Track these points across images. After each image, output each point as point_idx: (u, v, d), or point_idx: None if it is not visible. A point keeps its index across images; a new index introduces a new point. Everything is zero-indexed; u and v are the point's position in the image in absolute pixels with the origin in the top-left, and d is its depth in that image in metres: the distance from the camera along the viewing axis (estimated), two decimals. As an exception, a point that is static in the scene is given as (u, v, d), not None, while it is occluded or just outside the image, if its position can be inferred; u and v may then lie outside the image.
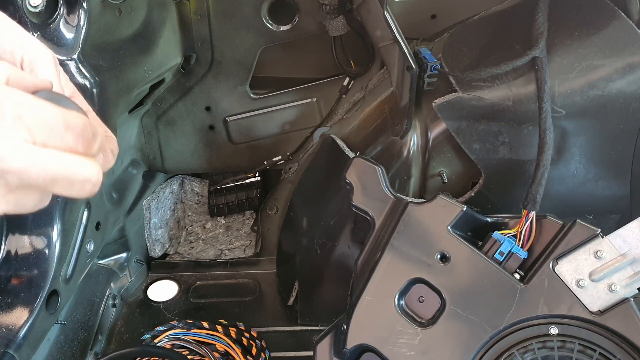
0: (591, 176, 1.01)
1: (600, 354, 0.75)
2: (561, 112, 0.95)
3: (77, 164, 0.37)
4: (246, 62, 1.27)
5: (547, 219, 0.83)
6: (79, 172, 0.37)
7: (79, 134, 0.37)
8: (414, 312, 0.82)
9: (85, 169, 0.37)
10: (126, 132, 1.24)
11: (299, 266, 1.27)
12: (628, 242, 0.76)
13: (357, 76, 1.28)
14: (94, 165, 0.38)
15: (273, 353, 1.17)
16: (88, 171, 0.38)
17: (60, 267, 0.88)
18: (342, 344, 0.83)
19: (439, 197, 0.85)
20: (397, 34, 0.98)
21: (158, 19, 1.07)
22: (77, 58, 0.82)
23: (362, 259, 0.91)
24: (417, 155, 1.07)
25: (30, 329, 0.82)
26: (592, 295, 0.77)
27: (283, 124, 1.36)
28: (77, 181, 0.37)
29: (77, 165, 0.37)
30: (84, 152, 0.38)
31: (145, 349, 1.09)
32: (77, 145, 0.37)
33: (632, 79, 0.94)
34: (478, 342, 0.78)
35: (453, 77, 1.00)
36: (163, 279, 1.39)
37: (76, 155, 0.37)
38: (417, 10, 1.16)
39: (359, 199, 0.93)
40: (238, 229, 1.58)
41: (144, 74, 1.03)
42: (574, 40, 0.96)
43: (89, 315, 1.14)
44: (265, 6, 1.21)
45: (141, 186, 1.35)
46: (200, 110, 1.33)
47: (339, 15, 1.16)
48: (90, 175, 0.38)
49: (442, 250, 0.82)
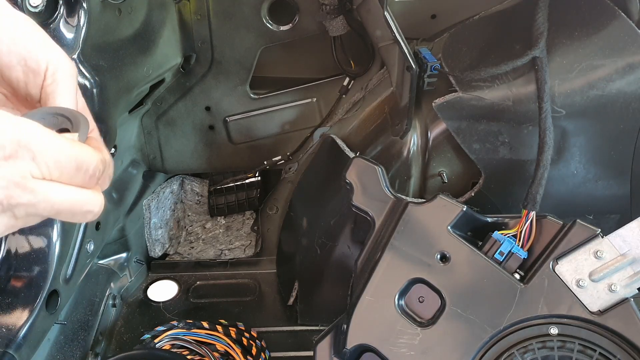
0: (591, 176, 1.01)
1: (600, 354, 0.75)
2: (561, 112, 0.95)
3: (82, 198, 0.39)
4: (246, 62, 1.27)
5: (547, 219, 0.83)
6: (84, 205, 0.39)
7: (89, 174, 0.39)
8: (414, 312, 0.82)
9: (89, 203, 0.40)
10: (126, 132, 1.24)
11: (299, 266, 1.27)
12: (628, 242, 0.76)
13: (357, 76, 1.28)
14: (98, 197, 0.40)
15: (273, 353, 1.17)
16: (92, 204, 0.40)
17: (60, 267, 0.88)
18: (342, 344, 0.83)
19: (439, 197, 0.85)
20: (397, 34, 0.98)
21: (158, 19, 1.07)
22: (77, 58, 0.82)
23: (362, 259, 0.91)
24: (417, 155, 1.07)
25: (30, 329, 0.82)
26: (592, 295, 0.77)
27: (283, 124, 1.36)
28: (80, 213, 0.39)
29: (82, 199, 0.39)
30: (91, 187, 0.40)
31: (152, 352, 1.09)
32: (84, 182, 0.39)
33: (632, 79, 0.94)
34: (478, 342, 0.78)
35: (453, 77, 1.00)
36: (163, 279, 1.39)
37: (83, 190, 0.39)
38: (417, 10, 1.16)
39: (359, 199, 0.93)
40: (238, 229, 1.58)
41: (144, 74, 1.03)
42: (574, 40, 0.96)
43: (89, 315, 1.14)
44: (265, 6, 1.21)
45: (141, 186, 1.35)
46: (200, 110, 1.33)
47: (339, 15, 1.16)
48: (93, 207, 0.40)
49: (442, 250, 0.82)
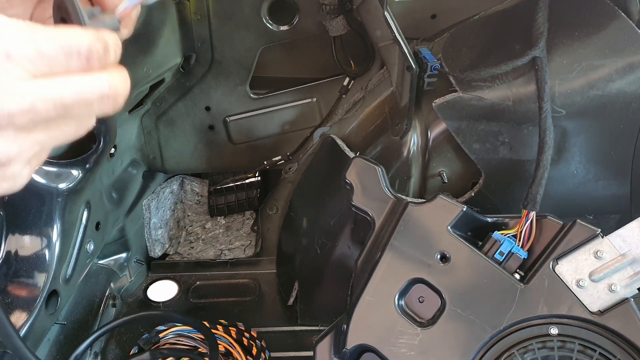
0: (591, 176, 1.01)
1: (600, 354, 0.75)
2: (561, 112, 0.95)
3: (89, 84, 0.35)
4: (246, 62, 1.27)
5: (547, 219, 0.83)
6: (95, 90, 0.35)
7: (85, 56, 0.34)
8: (414, 312, 0.82)
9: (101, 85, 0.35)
10: (126, 132, 1.24)
11: (299, 266, 1.27)
12: (628, 242, 0.76)
13: (357, 76, 1.28)
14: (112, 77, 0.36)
15: (273, 353, 1.17)
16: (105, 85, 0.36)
17: (60, 267, 0.88)
18: (342, 344, 0.83)
19: (439, 197, 0.85)
20: (397, 34, 0.98)
21: (158, 19, 1.07)
22: (77, 58, 0.81)
23: (362, 259, 0.91)
24: (417, 155, 1.07)
25: (30, 329, 0.82)
26: (592, 295, 0.76)
27: (283, 124, 1.36)
28: (98, 99, 0.36)
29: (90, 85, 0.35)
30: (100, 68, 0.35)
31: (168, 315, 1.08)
32: (88, 66, 0.35)
33: (632, 79, 0.94)
34: (478, 342, 0.78)
35: (453, 77, 1.00)
36: (163, 279, 1.39)
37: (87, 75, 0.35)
38: (417, 10, 1.16)
39: (359, 199, 0.93)
40: (238, 229, 1.58)
41: (144, 74, 1.03)
42: (574, 40, 0.96)
43: (89, 315, 1.14)
44: (265, 6, 1.20)
45: (141, 186, 1.35)
46: (200, 110, 1.33)
47: (339, 15, 1.16)
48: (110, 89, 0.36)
49: (442, 250, 0.82)
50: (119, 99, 0.37)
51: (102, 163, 0.93)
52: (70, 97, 0.34)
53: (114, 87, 0.36)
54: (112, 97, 0.36)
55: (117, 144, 1.11)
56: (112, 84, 0.36)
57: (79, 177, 0.87)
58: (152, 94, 1.21)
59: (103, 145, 0.90)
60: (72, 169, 0.87)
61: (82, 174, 0.88)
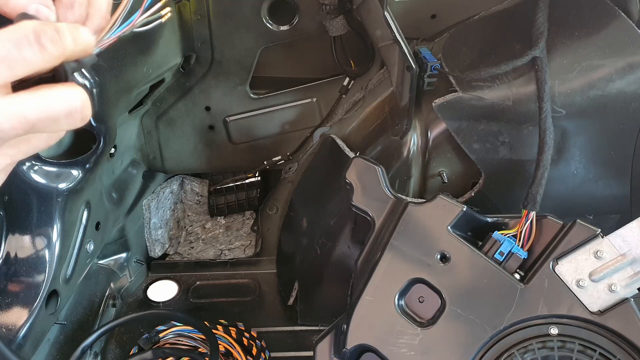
0: (591, 176, 1.01)
1: (600, 354, 0.75)
2: (561, 112, 0.95)
3: (55, 102, 0.34)
4: (246, 62, 1.27)
5: (547, 219, 0.83)
6: (61, 108, 0.35)
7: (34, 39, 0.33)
8: (414, 312, 0.82)
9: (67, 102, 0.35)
10: (126, 132, 1.24)
11: (299, 266, 1.27)
12: (628, 242, 0.76)
13: (357, 76, 1.28)
14: (72, 90, 0.35)
15: (273, 353, 1.17)
16: (76, 102, 0.35)
17: (60, 267, 0.88)
18: (342, 344, 0.83)
19: (439, 197, 0.85)
20: (397, 34, 0.98)
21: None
22: (76, 58, 0.81)
23: (362, 259, 0.91)
24: (417, 155, 1.07)
25: (30, 329, 0.82)
26: (592, 295, 0.76)
27: (283, 124, 1.36)
28: (63, 117, 0.35)
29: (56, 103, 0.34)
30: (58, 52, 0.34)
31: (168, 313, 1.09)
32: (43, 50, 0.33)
33: (632, 79, 0.94)
34: (478, 342, 0.78)
35: (453, 77, 1.00)
36: (163, 279, 1.39)
37: (47, 90, 0.34)
38: (417, 10, 1.16)
39: (359, 199, 0.93)
40: (238, 229, 1.58)
41: (144, 74, 1.03)
42: (574, 40, 0.96)
43: (89, 315, 1.14)
44: (265, 6, 1.20)
45: (141, 186, 1.35)
46: (200, 110, 1.33)
47: (339, 15, 1.16)
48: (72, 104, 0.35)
49: (442, 250, 0.82)
50: (86, 115, 0.37)
51: (102, 163, 0.93)
52: (35, 115, 0.34)
53: (81, 99, 0.36)
54: (80, 110, 0.36)
55: (117, 144, 1.11)
56: (79, 98, 0.36)
57: (79, 177, 0.87)
58: (152, 94, 1.21)
59: (103, 145, 0.90)
60: (72, 169, 0.87)
61: (82, 174, 0.88)
